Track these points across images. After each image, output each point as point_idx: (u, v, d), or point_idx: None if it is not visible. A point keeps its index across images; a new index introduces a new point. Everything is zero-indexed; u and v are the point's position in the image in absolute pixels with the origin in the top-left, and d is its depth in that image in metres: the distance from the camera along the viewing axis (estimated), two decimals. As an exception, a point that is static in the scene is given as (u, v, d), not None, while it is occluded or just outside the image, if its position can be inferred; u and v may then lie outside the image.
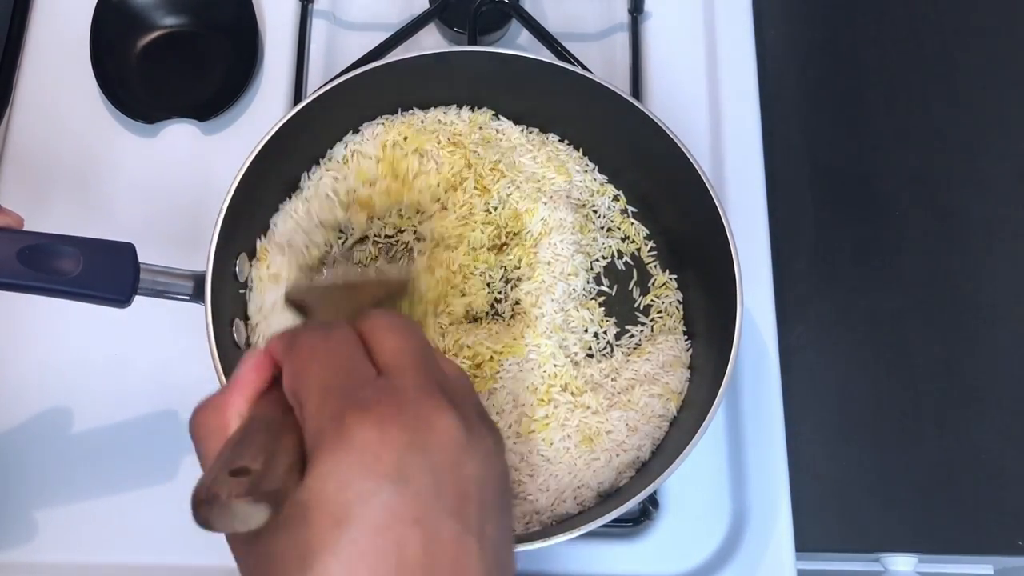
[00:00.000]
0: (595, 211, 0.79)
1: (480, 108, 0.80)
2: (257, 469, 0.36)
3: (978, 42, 0.92)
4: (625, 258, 0.78)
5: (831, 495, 0.79)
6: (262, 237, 0.74)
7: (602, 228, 0.78)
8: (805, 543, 0.76)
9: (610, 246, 0.78)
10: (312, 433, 0.37)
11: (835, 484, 0.79)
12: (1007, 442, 0.80)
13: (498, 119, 0.80)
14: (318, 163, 0.77)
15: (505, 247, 0.76)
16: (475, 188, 0.76)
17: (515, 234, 0.76)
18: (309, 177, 0.76)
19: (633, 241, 0.79)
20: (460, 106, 0.79)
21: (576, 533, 0.62)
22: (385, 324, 0.42)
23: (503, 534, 0.39)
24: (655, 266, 0.78)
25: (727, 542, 0.75)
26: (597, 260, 0.77)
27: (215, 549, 0.72)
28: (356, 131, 0.77)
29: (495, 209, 0.76)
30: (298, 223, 0.74)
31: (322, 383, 0.38)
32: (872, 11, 0.93)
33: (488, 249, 0.75)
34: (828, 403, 0.81)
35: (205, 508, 0.35)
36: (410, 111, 0.78)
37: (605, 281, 0.78)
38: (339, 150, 0.77)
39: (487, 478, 0.38)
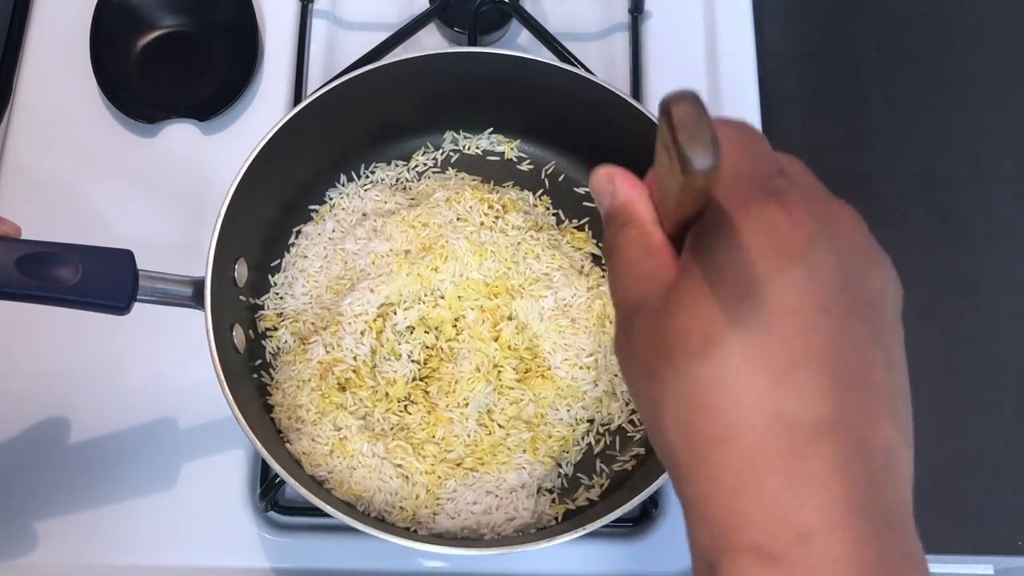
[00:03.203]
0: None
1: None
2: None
3: (978, 42, 0.92)
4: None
5: (831, 495, 0.78)
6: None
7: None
8: (805, 543, 0.75)
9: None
10: (717, 212, 0.34)
11: (835, 484, 0.79)
12: (1007, 442, 0.80)
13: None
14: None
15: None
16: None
17: None
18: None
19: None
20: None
21: (577, 533, 0.63)
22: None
23: (904, 368, 0.35)
24: None
25: (727, 542, 0.75)
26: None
27: (214, 550, 0.73)
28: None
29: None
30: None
31: (734, 168, 0.34)
32: (872, 11, 0.93)
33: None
34: (828, 403, 0.81)
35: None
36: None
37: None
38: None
39: (890, 294, 0.35)
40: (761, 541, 0.30)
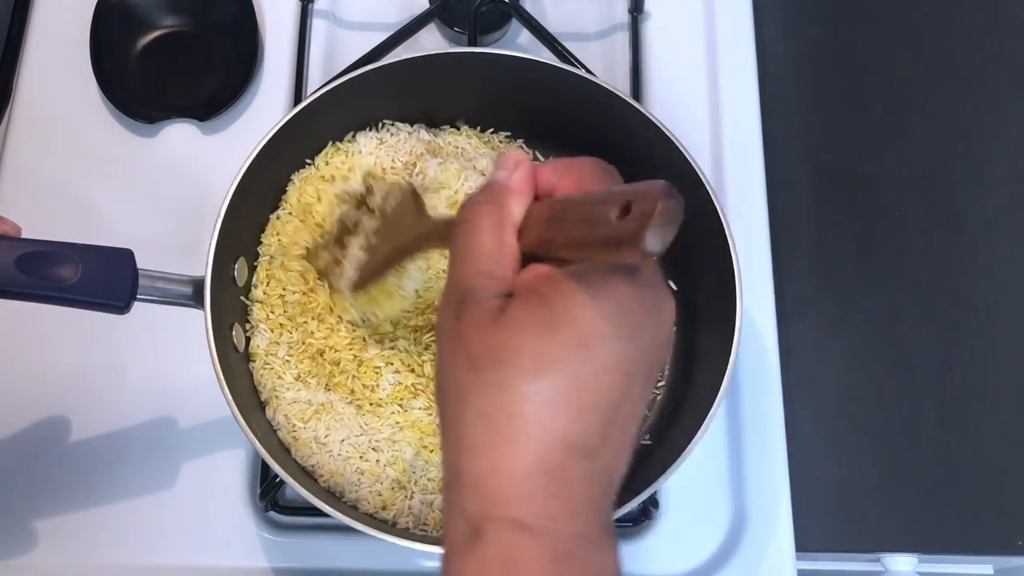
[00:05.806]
0: None
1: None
2: None
3: (978, 42, 0.92)
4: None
5: (831, 495, 0.79)
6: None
7: None
8: (805, 543, 0.76)
9: None
10: (586, 268, 0.41)
11: (835, 484, 0.79)
12: (1007, 442, 0.80)
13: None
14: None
15: None
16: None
17: None
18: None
19: None
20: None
21: (577, 534, 0.62)
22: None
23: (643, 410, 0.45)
24: None
25: (727, 542, 0.75)
26: None
27: (214, 550, 0.73)
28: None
29: None
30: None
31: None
32: (872, 11, 0.93)
33: None
34: (828, 403, 0.81)
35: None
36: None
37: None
38: None
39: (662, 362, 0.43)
40: (520, 516, 0.39)
